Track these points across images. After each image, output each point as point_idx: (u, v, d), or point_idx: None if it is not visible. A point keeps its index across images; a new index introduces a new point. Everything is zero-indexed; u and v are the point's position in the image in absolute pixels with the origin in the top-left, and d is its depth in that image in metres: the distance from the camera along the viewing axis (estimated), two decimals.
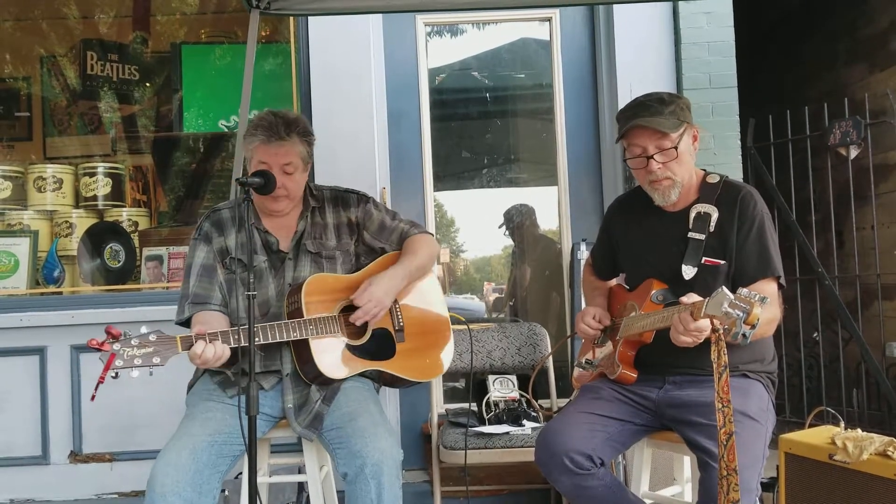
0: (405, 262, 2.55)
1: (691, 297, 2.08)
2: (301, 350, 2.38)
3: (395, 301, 2.55)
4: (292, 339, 2.33)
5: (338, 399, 2.41)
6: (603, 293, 2.66)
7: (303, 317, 2.35)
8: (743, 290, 1.85)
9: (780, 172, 4.62)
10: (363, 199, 2.68)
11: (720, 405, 1.91)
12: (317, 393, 2.41)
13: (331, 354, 2.39)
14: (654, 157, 2.30)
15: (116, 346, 2.09)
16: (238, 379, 2.31)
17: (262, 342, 2.28)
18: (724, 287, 1.89)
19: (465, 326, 3.30)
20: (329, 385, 2.43)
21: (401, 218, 2.72)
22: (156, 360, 2.12)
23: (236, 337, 2.23)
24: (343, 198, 2.67)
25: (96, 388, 2.15)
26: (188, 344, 2.17)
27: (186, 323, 2.46)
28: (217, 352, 2.19)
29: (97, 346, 2.09)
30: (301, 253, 2.53)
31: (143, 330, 2.14)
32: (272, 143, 2.42)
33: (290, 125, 2.46)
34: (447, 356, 2.65)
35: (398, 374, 2.51)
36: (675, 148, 2.30)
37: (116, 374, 2.09)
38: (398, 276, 2.50)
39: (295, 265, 2.52)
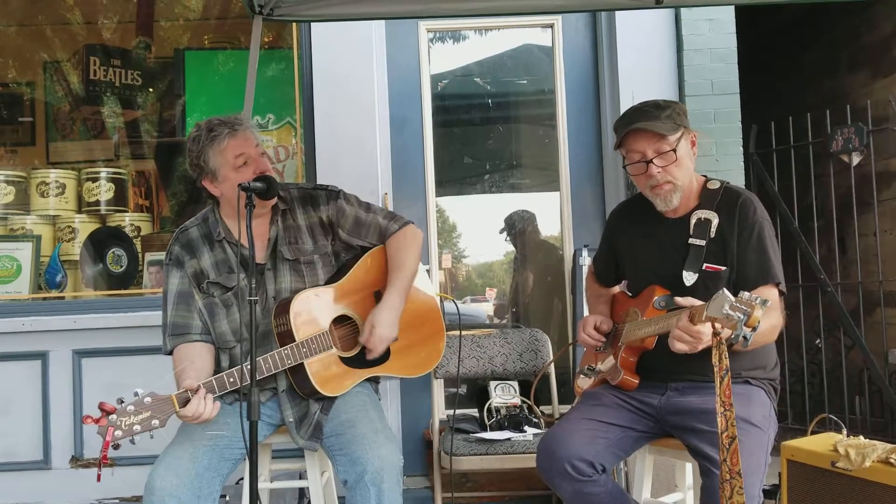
0: (397, 284, 2.45)
1: (689, 301, 2.08)
2: (297, 371, 2.34)
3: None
4: (288, 366, 2.30)
5: (337, 406, 2.40)
6: (605, 300, 2.66)
7: (294, 340, 2.30)
8: (744, 293, 1.84)
9: (783, 179, 4.63)
10: (333, 194, 2.55)
11: (722, 409, 1.90)
12: (315, 404, 2.38)
13: (327, 371, 2.35)
14: (654, 161, 2.30)
15: (113, 418, 2.04)
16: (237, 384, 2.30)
17: (260, 377, 2.21)
18: (724, 289, 1.89)
19: (470, 333, 3.30)
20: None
21: (376, 209, 2.59)
22: (155, 422, 2.08)
23: (231, 380, 2.21)
24: (312, 196, 2.55)
25: (100, 468, 2.09)
26: (184, 400, 2.12)
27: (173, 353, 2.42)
28: (208, 407, 2.15)
29: (94, 423, 2.04)
30: (279, 262, 2.45)
31: (139, 392, 2.09)
32: (239, 134, 2.38)
33: (237, 117, 2.44)
34: (441, 344, 2.64)
35: (396, 375, 2.51)
36: (674, 151, 2.30)
37: (118, 444, 2.05)
38: (395, 302, 2.43)
39: (275, 276, 2.45)
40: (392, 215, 2.61)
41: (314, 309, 2.39)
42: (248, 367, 2.09)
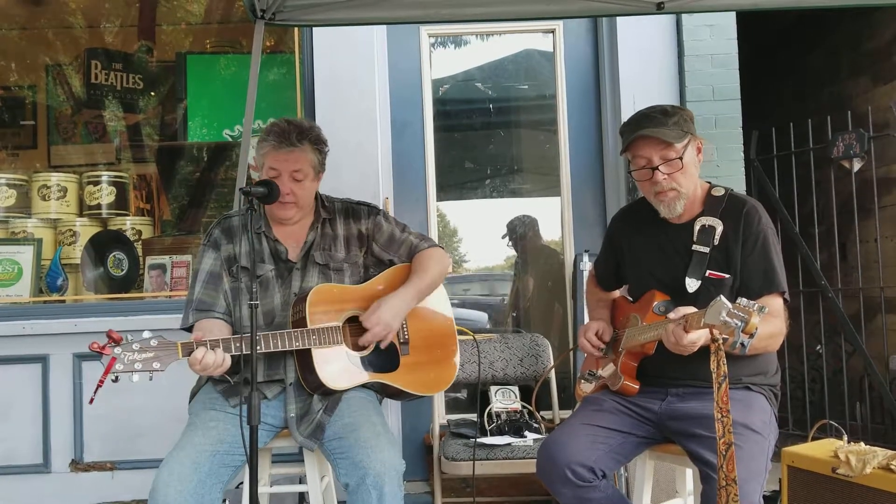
0: (415, 282, 2.53)
1: (685, 310, 2.09)
2: (304, 360, 2.38)
3: None
4: (295, 348, 2.33)
5: (340, 409, 2.41)
6: (606, 305, 2.65)
7: (306, 326, 2.35)
8: (742, 300, 1.85)
9: (784, 185, 4.62)
10: (374, 211, 2.69)
11: (719, 415, 1.91)
12: (319, 403, 2.40)
13: (333, 365, 2.39)
14: (660, 168, 2.30)
15: (117, 350, 2.10)
16: (240, 387, 2.31)
17: (264, 350, 2.29)
18: (722, 296, 1.89)
19: (471, 337, 3.29)
20: (331, 395, 2.42)
21: (410, 231, 2.71)
22: (156, 365, 2.12)
23: (238, 344, 2.24)
24: (354, 210, 2.68)
25: (95, 392, 2.15)
26: (189, 350, 2.17)
27: (191, 329, 2.47)
28: (217, 359, 2.20)
29: (98, 350, 2.09)
30: (309, 263, 2.53)
31: (146, 335, 2.14)
32: (282, 149, 2.44)
33: (303, 133, 2.47)
34: (452, 371, 2.64)
35: (401, 387, 2.50)
36: (681, 159, 2.30)
37: (117, 377, 2.10)
38: (408, 296, 2.50)
39: (302, 275, 2.52)
40: (423, 236, 2.72)
41: (331, 302, 2.44)
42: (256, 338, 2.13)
